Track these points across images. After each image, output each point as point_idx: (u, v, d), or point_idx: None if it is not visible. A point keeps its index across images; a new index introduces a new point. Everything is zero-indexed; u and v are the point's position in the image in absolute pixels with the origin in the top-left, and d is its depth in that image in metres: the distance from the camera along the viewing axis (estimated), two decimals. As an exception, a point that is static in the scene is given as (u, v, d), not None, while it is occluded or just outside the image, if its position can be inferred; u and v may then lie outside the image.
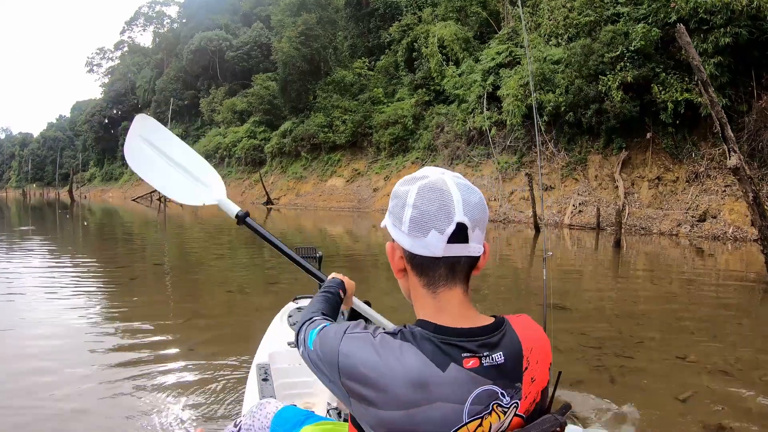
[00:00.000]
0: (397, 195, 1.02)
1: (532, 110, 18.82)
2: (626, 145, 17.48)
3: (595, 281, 8.40)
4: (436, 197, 0.96)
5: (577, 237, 14.80)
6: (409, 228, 0.97)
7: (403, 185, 1.03)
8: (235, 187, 38.71)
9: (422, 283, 1.02)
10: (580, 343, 4.50)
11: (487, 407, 0.95)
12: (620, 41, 16.70)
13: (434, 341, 0.95)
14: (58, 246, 13.33)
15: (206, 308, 6.26)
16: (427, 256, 0.98)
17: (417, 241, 0.97)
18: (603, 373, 3.83)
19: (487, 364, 0.96)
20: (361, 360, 0.94)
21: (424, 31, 28.34)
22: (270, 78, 39.59)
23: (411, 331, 0.97)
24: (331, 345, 1.00)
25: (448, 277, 1.00)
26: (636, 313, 5.93)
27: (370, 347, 0.95)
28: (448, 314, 1.00)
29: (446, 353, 0.94)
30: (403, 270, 1.05)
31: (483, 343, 0.97)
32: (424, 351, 0.94)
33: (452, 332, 0.96)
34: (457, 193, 0.97)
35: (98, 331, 4.96)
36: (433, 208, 0.96)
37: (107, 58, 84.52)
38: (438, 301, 1.01)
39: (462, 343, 0.96)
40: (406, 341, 0.95)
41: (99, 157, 72.09)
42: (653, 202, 16.11)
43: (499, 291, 7.16)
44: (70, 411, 3.17)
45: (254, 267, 9.61)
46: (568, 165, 18.43)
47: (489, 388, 0.95)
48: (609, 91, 16.44)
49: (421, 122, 26.76)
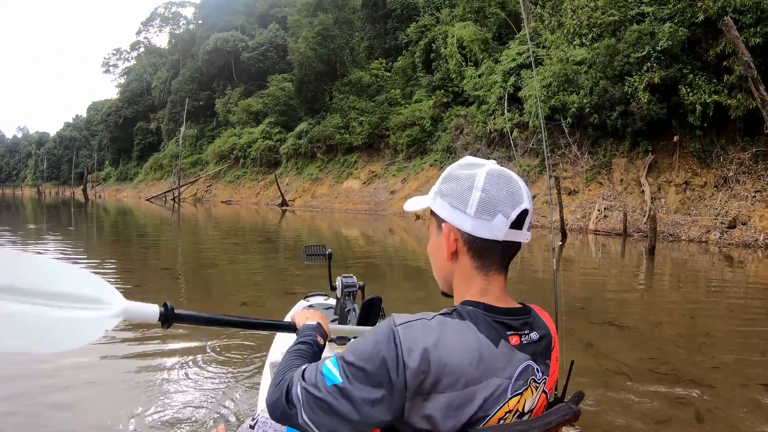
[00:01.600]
0: (459, 177, 1.03)
1: (556, 112, 18.45)
2: (652, 148, 17.03)
3: (640, 294, 7.87)
4: (505, 183, 1.00)
5: (602, 243, 14.37)
6: (476, 210, 0.99)
7: (463, 169, 1.04)
8: (250, 188, 38.58)
9: (476, 265, 1.04)
10: (651, 369, 4.06)
11: (526, 383, 1.00)
12: (646, 41, 16.31)
13: (486, 318, 0.98)
14: (69, 245, 13.12)
15: (220, 308, 5.96)
16: (488, 239, 1.01)
17: (482, 223, 0.99)
18: (687, 408, 3.36)
19: (526, 342, 1.01)
20: (427, 344, 0.91)
21: (442, 32, 28.10)
22: (286, 79, 39.45)
23: (465, 310, 0.99)
24: (384, 345, 0.93)
25: (500, 261, 1.04)
26: (698, 331, 5.45)
27: (431, 330, 0.93)
28: (493, 296, 1.03)
29: (497, 330, 0.98)
30: (455, 253, 1.05)
31: (525, 321, 1.03)
32: (479, 328, 0.96)
33: (499, 311, 1.01)
34: (520, 182, 1.03)
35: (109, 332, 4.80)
36: (502, 193, 0.99)
37: (123, 58, 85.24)
38: (488, 283, 1.04)
39: (508, 321, 1.01)
40: (463, 319, 0.97)
41: (114, 156, 72.45)
42: (681, 208, 15.66)
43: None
44: (88, 411, 3.21)
45: (268, 269, 9.31)
46: (592, 168, 17.98)
47: (528, 364, 1.01)
48: (635, 92, 16.04)
49: (440, 124, 26.37)
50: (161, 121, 60.16)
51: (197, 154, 50.26)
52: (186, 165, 48.81)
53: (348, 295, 2.24)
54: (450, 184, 1.04)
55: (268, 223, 22.04)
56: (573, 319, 5.46)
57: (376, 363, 0.92)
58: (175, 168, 47.08)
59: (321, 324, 1.45)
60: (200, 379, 3.71)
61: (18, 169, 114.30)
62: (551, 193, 9.42)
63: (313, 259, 2.65)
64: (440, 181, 1.08)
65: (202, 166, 47.97)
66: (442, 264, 1.09)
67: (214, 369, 3.92)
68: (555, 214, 14.79)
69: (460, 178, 1.03)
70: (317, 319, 1.48)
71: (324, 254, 2.61)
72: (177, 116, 53.24)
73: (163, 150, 57.56)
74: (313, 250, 2.63)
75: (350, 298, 2.24)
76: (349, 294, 2.24)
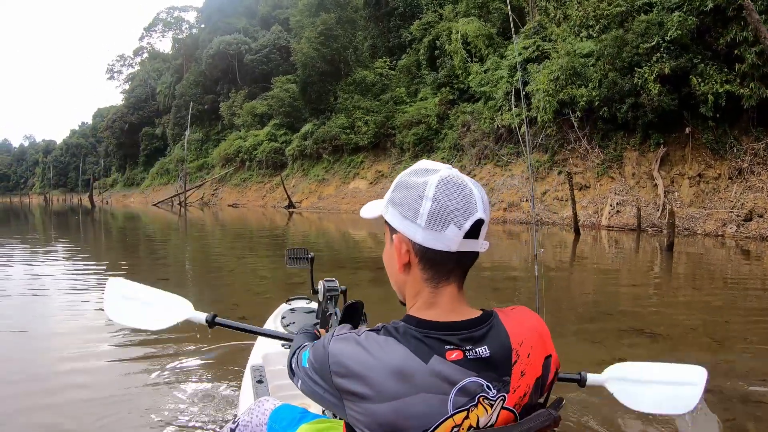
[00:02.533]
0: (409, 186, 1.00)
1: (564, 106, 18.15)
2: (664, 140, 16.72)
3: (664, 294, 7.38)
4: (457, 192, 0.98)
5: (615, 239, 14.06)
6: (427, 221, 0.97)
7: (414, 176, 1.01)
8: (256, 190, 38.46)
9: (425, 277, 1.02)
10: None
11: (473, 399, 0.97)
12: (655, 31, 16.04)
13: (417, 335, 0.97)
14: (76, 252, 12.98)
15: (224, 311, 5.81)
16: (440, 250, 0.99)
17: (433, 234, 0.97)
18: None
19: (471, 357, 0.97)
20: (348, 355, 0.96)
21: (446, 28, 27.87)
22: (290, 80, 39.31)
23: (394, 326, 1.00)
24: (322, 352, 1.01)
25: (453, 272, 1.02)
26: (735, 336, 4.98)
27: (355, 344, 0.97)
28: (440, 308, 1.02)
29: (429, 346, 0.96)
30: (407, 264, 1.03)
31: (466, 337, 0.99)
32: (406, 344, 0.96)
33: (435, 326, 0.98)
34: (474, 189, 1.00)
35: (90, 331, 5.09)
36: (453, 203, 0.96)
37: (127, 64, 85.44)
38: (435, 295, 1.02)
39: (444, 337, 0.98)
40: (390, 336, 0.97)
41: (120, 162, 72.65)
42: (695, 201, 15.35)
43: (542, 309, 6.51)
44: (62, 411, 3.23)
45: (275, 271, 9.10)
46: (603, 162, 17.68)
47: (474, 380, 0.97)
48: (645, 83, 15.75)
49: (446, 121, 26.13)
50: (166, 126, 60.22)
51: (203, 157, 50.27)
52: (192, 169, 48.81)
53: (330, 299, 2.22)
54: (401, 193, 1.01)
55: (275, 226, 21.88)
56: (601, 328, 5.14)
57: (317, 364, 1.02)
58: (181, 172, 47.10)
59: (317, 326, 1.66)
60: (181, 383, 3.68)
61: (26, 177, 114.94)
62: (532, 191, 9.18)
63: (295, 262, 2.63)
64: (392, 188, 1.05)
65: (208, 170, 47.95)
66: (396, 275, 1.08)
67: (194, 372, 3.91)
68: (565, 211, 14.49)
69: (410, 186, 1.00)
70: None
71: (306, 257, 2.59)
72: (182, 120, 53.25)
73: (169, 155, 57.63)
74: (296, 254, 2.63)
75: (332, 302, 2.22)
76: (331, 298, 2.21)
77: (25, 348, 4.68)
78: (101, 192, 72.97)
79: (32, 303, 6.51)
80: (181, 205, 41.22)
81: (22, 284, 7.63)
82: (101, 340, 4.68)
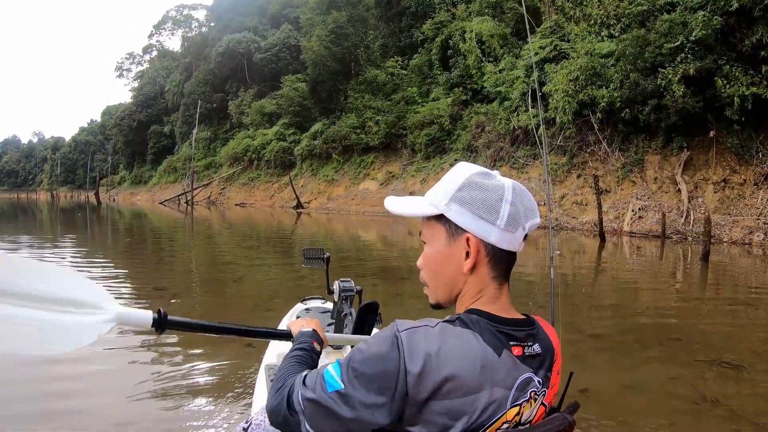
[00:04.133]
0: (485, 187, 1.00)
1: (584, 107, 17.62)
2: (687, 144, 16.17)
3: (720, 312, 6.52)
4: (526, 197, 1.02)
5: (638, 246, 13.53)
6: (506, 223, 0.99)
7: (485, 179, 1.01)
8: (264, 190, 38.07)
9: (493, 275, 1.03)
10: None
11: (525, 394, 0.99)
12: (678, 31, 15.51)
13: (491, 328, 0.97)
14: (85, 250, 12.59)
15: (213, 311, 6.18)
16: (507, 250, 1.02)
17: (507, 235, 1.00)
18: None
19: (529, 353, 0.99)
20: (430, 350, 0.91)
21: (459, 28, 27.43)
22: (299, 79, 38.95)
23: (469, 318, 0.98)
24: (388, 353, 0.92)
25: (508, 270, 1.05)
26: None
27: (434, 337, 0.93)
28: (501, 304, 1.03)
29: (500, 340, 0.97)
30: (474, 263, 1.03)
31: (528, 333, 1.01)
32: (482, 336, 0.95)
33: (504, 321, 1.00)
34: (530, 195, 1.04)
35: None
36: (523, 207, 1.00)
37: (136, 62, 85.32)
38: (500, 292, 1.04)
39: (512, 332, 0.99)
40: (466, 327, 0.96)
41: (128, 160, 72.48)
42: (720, 207, 14.80)
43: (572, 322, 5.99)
44: (73, 415, 3.23)
45: (283, 273, 8.66)
46: (624, 166, 17.12)
47: (529, 376, 0.99)
48: (669, 84, 15.23)
49: (459, 122, 25.63)
50: (175, 124, 60.00)
51: (211, 156, 49.96)
52: (199, 168, 48.56)
53: (345, 300, 2.22)
54: (474, 193, 1.00)
55: (283, 227, 21.47)
56: (671, 357, 4.48)
57: (378, 368, 0.92)
58: (188, 171, 46.86)
59: (317, 330, 1.43)
60: (194, 382, 3.71)
61: (34, 173, 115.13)
62: (550, 189, 8.63)
63: (311, 262, 2.64)
64: (456, 187, 1.02)
65: (216, 169, 47.64)
66: (454, 275, 1.04)
67: (208, 371, 3.91)
68: (585, 215, 13.96)
69: (486, 187, 1.00)
70: (313, 325, 1.46)
71: (322, 257, 2.60)
72: (190, 119, 53.02)
73: (176, 153, 57.38)
74: (312, 254, 2.64)
75: (347, 303, 2.22)
76: (346, 298, 2.22)
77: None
78: (109, 189, 72.98)
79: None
80: (188, 203, 40.93)
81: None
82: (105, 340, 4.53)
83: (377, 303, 1.75)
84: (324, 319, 2.68)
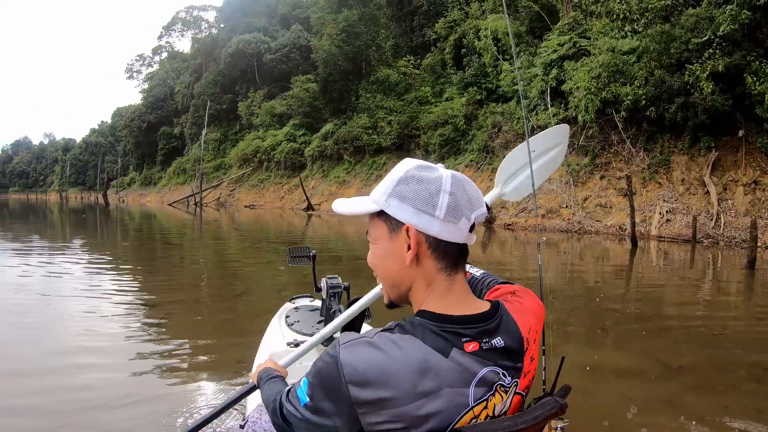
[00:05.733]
0: (423, 180, 0.99)
1: (607, 105, 16.97)
2: (715, 144, 15.51)
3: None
4: (468, 187, 1.01)
5: (666, 251, 12.86)
6: (445, 213, 0.97)
7: (424, 171, 1.01)
8: (274, 192, 37.61)
9: (440, 267, 1.01)
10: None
11: (491, 389, 0.97)
12: (705, 26, 14.88)
13: (434, 329, 0.95)
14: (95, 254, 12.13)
15: (206, 311, 6.23)
16: (451, 241, 1.00)
17: (449, 226, 0.98)
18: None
19: (487, 347, 0.97)
20: (366, 361, 0.90)
21: (473, 26, 26.82)
22: (310, 80, 38.49)
23: (410, 322, 0.97)
24: (330, 369, 0.93)
25: (459, 261, 1.02)
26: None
27: (370, 348, 0.92)
28: (455, 297, 1.01)
29: (447, 339, 0.94)
30: (416, 257, 1.01)
31: (482, 330, 0.98)
32: (424, 340, 0.93)
33: (451, 320, 0.97)
34: (475, 186, 1.03)
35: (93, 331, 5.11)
36: (464, 197, 0.99)
37: (146, 64, 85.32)
38: (451, 283, 1.01)
39: (461, 330, 0.96)
40: (406, 333, 0.95)
41: (138, 161, 72.42)
42: (751, 210, 14.14)
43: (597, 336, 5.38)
44: (71, 414, 3.23)
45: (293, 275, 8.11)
46: (649, 167, 16.43)
47: (491, 370, 0.97)
48: (697, 81, 14.59)
49: (474, 122, 24.99)
50: (184, 126, 59.76)
51: (220, 157, 49.64)
52: (209, 169, 48.23)
53: (333, 296, 2.22)
54: (412, 186, 0.99)
55: (294, 228, 20.97)
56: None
57: (325, 383, 0.94)
58: (197, 172, 46.53)
59: (272, 366, 1.47)
60: (190, 381, 3.73)
61: (45, 174, 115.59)
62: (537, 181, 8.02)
63: (297, 261, 2.64)
64: (394, 182, 1.01)
65: (225, 170, 47.29)
66: (399, 270, 1.03)
67: (203, 370, 3.95)
68: (609, 218, 13.33)
69: (424, 180, 0.99)
70: (267, 365, 1.48)
71: (308, 255, 2.61)
72: (200, 120, 52.74)
73: (186, 154, 57.14)
74: (297, 252, 2.65)
75: (335, 299, 2.22)
76: (334, 295, 2.21)
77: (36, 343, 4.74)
78: (118, 191, 72.99)
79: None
80: (197, 205, 40.58)
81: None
82: (107, 338, 4.72)
83: (357, 298, 1.72)
84: (313, 317, 2.72)
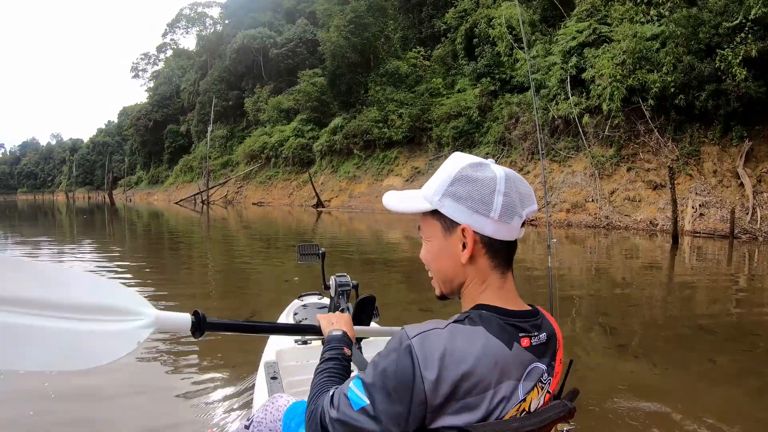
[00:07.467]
0: (476, 180, 0.99)
1: (633, 93, 16.12)
2: (748, 133, 14.66)
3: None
4: (521, 185, 1.01)
5: (697, 247, 12.06)
6: (500, 214, 0.98)
7: (476, 171, 1.00)
8: (282, 188, 36.93)
9: (494, 265, 1.02)
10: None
11: (534, 384, 0.99)
12: (735, 9, 14.03)
13: (500, 322, 0.96)
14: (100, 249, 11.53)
15: (213, 308, 6.09)
16: (505, 240, 1.01)
17: (503, 226, 0.99)
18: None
19: (536, 343, 0.99)
20: (444, 352, 0.90)
21: (485, 15, 25.97)
22: (317, 74, 37.75)
23: (478, 315, 0.97)
24: (400, 360, 0.91)
25: (509, 259, 1.04)
26: None
27: (445, 339, 0.91)
28: (507, 294, 1.03)
29: (509, 333, 0.96)
30: (472, 256, 1.01)
31: (534, 323, 1.01)
32: (492, 331, 0.94)
33: (511, 313, 0.99)
34: (527, 182, 1.04)
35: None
36: (517, 196, 0.99)
37: (152, 62, 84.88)
38: (503, 281, 1.03)
39: (520, 323, 0.99)
40: (475, 324, 0.95)
41: (145, 160, 72.01)
42: (788, 203, 13.33)
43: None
44: (76, 410, 3.23)
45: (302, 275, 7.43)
46: (678, 158, 15.57)
47: (537, 365, 0.99)
48: (729, 68, 13.75)
49: (489, 114, 24.19)
50: (191, 124, 59.18)
51: (227, 155, 49.04)
52: (216, 166, 47.67)
53: (342, 294, 2.17)
54: (466, 187, 0.99)
55: (304, 227, 20.30)
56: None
57: (395, 378, 0.91)
58: (204, 170, 45.98)
59: (347, 333, 1.38)
60: (195, 379, 3.71)
61: (53, 175, 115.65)
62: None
63: (306, 258, 2.59)
64: (447, 182, 1.01)
65: (233, 167, 46.68)
66: (453, 268, 1.04)
67: (208, 369, 3.93)
68: (638, 213, 12.54)
69: (477, 180, 0.99)
70: (343, 326, 1.41)
71: (317, 253, 2.56)
72: (206, 117, 52.12)
73: (193, 152, 56.61)
74: (307, 249, 2.60)
75: (344, 297, 2.17)
76: (342, 293, 2.16)
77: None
78: (125, 190, 72.68)
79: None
80: (204, 203, 40.02)
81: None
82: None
83: (374, 297, 1.70)
84: None
